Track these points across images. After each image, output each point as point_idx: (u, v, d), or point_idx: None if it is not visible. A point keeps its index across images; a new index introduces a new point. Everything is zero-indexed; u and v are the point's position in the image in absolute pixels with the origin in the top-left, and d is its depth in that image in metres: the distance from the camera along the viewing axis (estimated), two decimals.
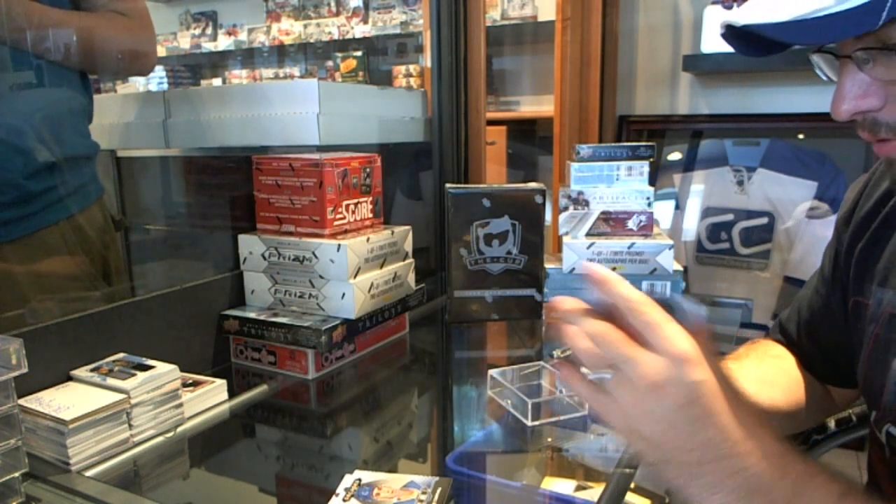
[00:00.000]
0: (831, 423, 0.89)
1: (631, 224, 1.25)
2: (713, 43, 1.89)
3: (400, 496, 0.65)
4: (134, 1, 1.11)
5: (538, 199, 1.21)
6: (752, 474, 0.46)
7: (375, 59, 3.27)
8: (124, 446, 0.78)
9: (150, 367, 0.83)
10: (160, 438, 0.82)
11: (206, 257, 1.35)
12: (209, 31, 3.65)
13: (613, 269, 1.23)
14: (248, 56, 3.59)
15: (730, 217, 2.01)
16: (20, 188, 0.98)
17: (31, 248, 1.01)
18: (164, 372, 0.82)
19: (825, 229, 1.84)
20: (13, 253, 1.00)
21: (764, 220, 1.96)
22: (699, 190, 2.06)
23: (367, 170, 1.13)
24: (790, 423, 0.76)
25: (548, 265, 1.25)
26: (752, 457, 0.46)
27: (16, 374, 0.64)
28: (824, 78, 0.58)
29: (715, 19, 1.88)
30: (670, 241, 1.21)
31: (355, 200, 1.11)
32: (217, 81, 3.69)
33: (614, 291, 0.48)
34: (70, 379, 0.84)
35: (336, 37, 3.23)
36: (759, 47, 0.54)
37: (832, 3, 0.47)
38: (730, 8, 1.85)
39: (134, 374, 0.81)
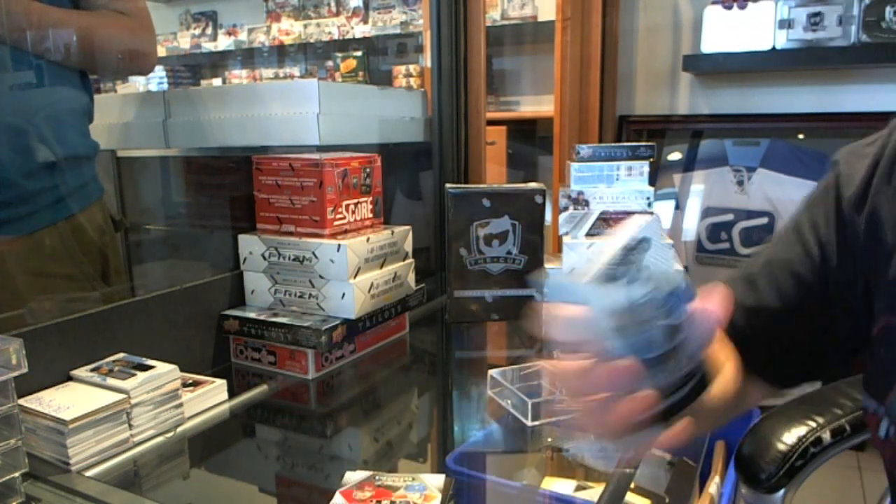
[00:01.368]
0: (826, 435, 0.89)
1: None
2: (713, 43, 1.89)
3: (399, 497, 0.65)
4: (134, 1, 1.11)
5: (538, 199, 1.21)
6: None
7: (375, 59, 3.27)
8: (124, 446, 0.78)
9: (150, 367, 0.83)
10: (160, 438, 0.82)
11: (206, 257, 1.35)
12: (209, 31, 3.65)
13: None
14: (248, 56, 3.59)
15: (730, 217, 2.01)
16: (20, 187, 0.98)
17: (31, 247, 1.02)
18: (164, 372, 0.82)
19: None
20: (15, 251, 1.00)
21: (764, 220, 1.96)
22: (699, 190, 2.06)
23: (367, 170, 1.13)
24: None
25: (548, 265, 1.25)
26: None
27: (16, 374, 0.64)
28: None
29: (715, 19, 1.89)
30: (670, 241, 1.21)
31: (355, 200, 1.11)
32: (217, 81, 3.69)
33: None
34: (70, 379, 0.84)
35: (336, 37, 3.23)
36: None
37: None
38: (730, 8, 1.85)
39: (134, 374, 0.81)
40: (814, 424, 0.90)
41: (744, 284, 0.66)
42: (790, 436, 0.89)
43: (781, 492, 0.88)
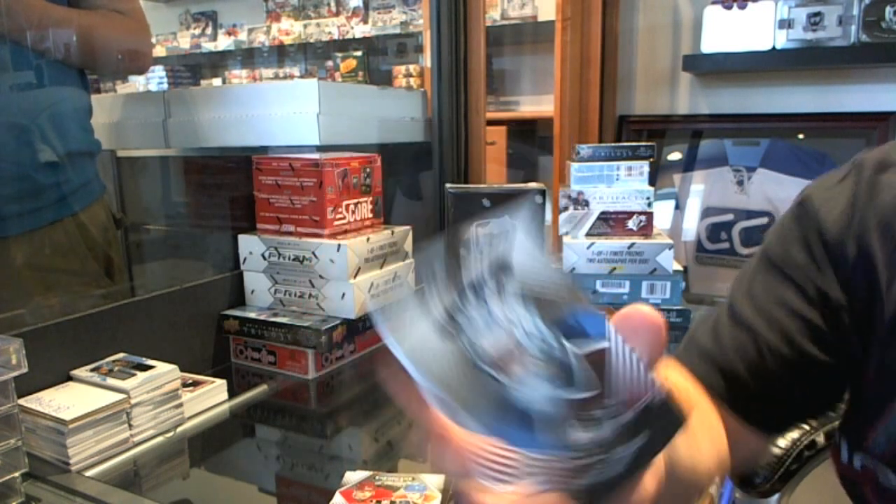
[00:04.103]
0: (820, 438, 0.88)
1: (631, 224, 1.25)
2: (713, 43, 1.89)
3: (399, 497, 0.65)
4: (132, 1, 1.12)
5: (538, 199, 1.21)
6: None
7: (375, 59, 3.27)
8: (124, 446, 0.78)
9: (150, 367, 0.83)
10: (160, 438, 0.82)
11: (206, 257, 1.35)
12: (209, 31, 3.65)
13: (613, 269, 1.24)
14: (248, 56, 3.59)
15: (730, 217, 2.01)
16: (28, 183, 0.99)
17: (39, 243, 1.02)
18: (164, 372, 0.82)
19: None
20: (20, 247, 1.01)
21: (764, 220, 1.96)
22: (699, 190, 2.06)
23: (367, 170, 1.13)
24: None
25: None
26: None
27: (16, 374, 0.64)
28: None
29: (715, 19, 1.89)
30: (670, 241, 1.21)
31: (355, 200, 1.11)
32: (217, 81, 3.69)
33: None
34: (70, 379, 0.84)
35: (336, 37, 3.23)
36: None
37: None
38: (730, 8, 1.85)
39: (134, 374, 0.81)
40: (808, 428, 0.89)
41: (737, 329, 0.61)
42: (784, 440, 0.88)
43: (776, 496, 0.88)
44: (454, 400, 0.28)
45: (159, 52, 3.53)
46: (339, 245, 1.02)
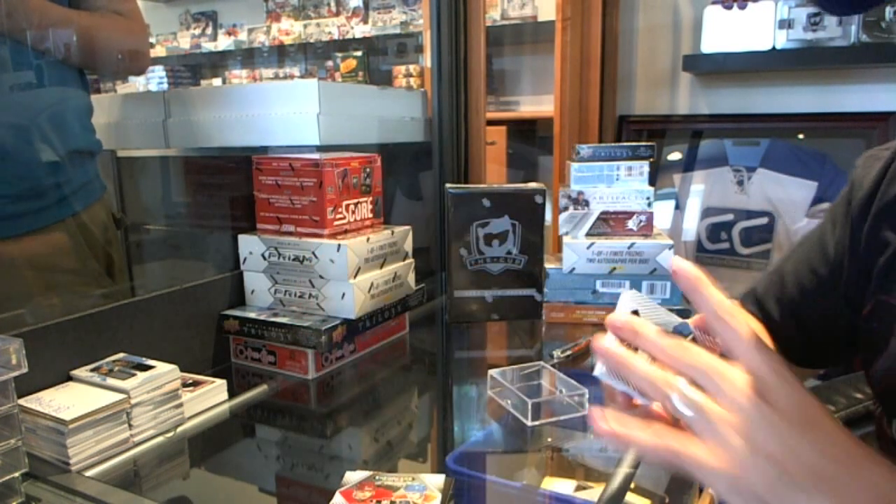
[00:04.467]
0: None
1: (631, 224, 1.25)
2: (713, 43, 1.89)
3: (399, 497, 0.65)
4: (131, 2, 1.12)
5: (538, 199, 1.21)
6: (880, 483, 0.39)
7: (375, 59, 3.27)
8: (124, 446, 0.78)
9: (150, 367, 0.83)
10: (160, 438, 0.82)
11: (207, 257, 1.35)
12: (209, 31, 3.65)
13: (613, 269, 1.24)
14: (248, 56, 3.59)
15: (730, 217, 2.01)
16: (32, 181, 1.00)
17: (39, 243, 1.03)
18: (164, 372, 0.82)
19: None
20: (22, 247, 1.01)
21: (764, 220, 1.96)
22: (699, 190, 2.06)
23: (367, 170, 1.13)
24: None
25: (548, 265, 1.25)
26: (876, 465, 0.40)
27: (16, 374, 0.64)
28: None
29: (715, 19, 1.89)
30: (670, 241, 1.21)
31: (355, 200, 1.11)
32: (217, 81, 3.69)
33: (703, 294, 0.43)
34: (70, 379, 0.84)
35: (336, 37, 3.23)
36: (845, 4, 0.51)
37: None
38: (730, 8, 1.85)
39: (134, 374, 0.81)
40: None
41: (776, 276, 0.79)
42: None
43: None
44: (631, 388, 0.49)
45: (159, 52, 3.53)
46: (339, 245, 1.02)
